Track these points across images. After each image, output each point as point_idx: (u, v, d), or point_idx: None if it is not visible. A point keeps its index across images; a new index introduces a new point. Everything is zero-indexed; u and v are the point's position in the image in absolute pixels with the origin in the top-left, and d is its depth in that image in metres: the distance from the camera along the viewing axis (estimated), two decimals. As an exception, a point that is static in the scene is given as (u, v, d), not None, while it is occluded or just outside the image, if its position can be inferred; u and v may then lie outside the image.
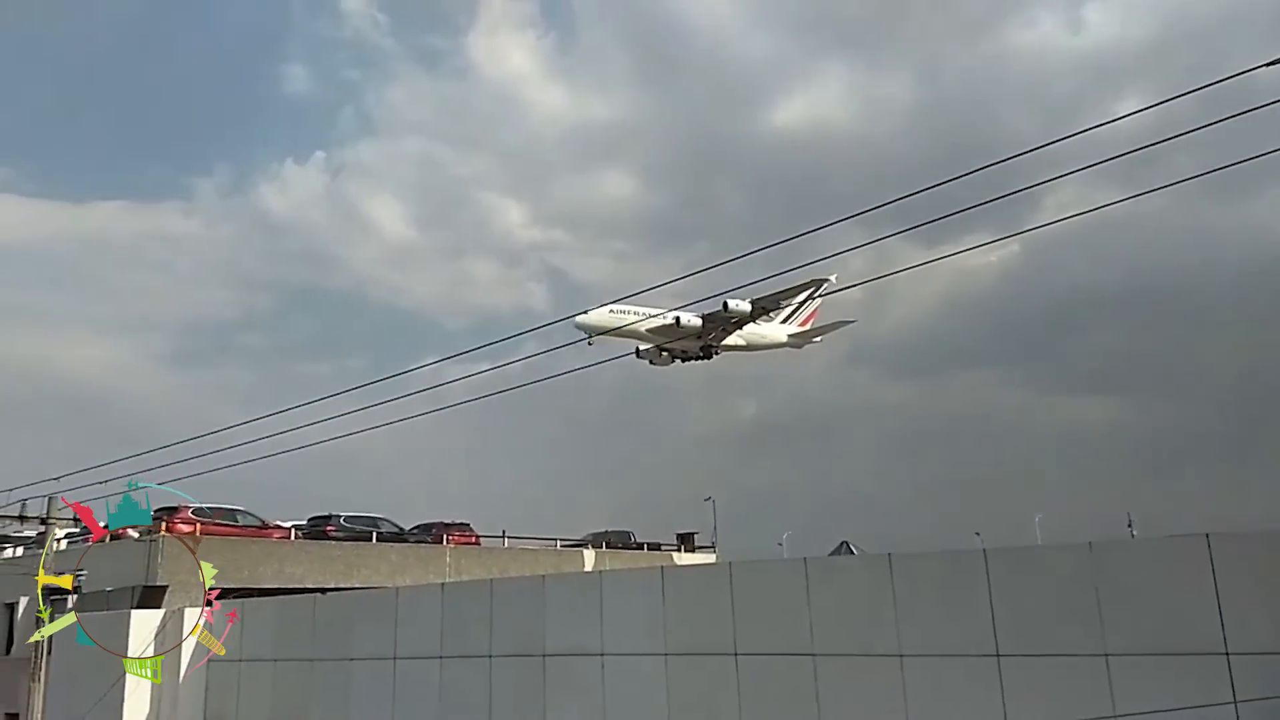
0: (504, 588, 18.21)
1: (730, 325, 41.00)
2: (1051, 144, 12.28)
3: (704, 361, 42.74)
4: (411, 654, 18.22)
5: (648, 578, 15.95)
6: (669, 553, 41.39)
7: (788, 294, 38.77)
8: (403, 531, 32.69)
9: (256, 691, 20.18)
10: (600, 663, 15.57)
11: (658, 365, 42.48)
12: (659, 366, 42.54)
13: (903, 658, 12.54)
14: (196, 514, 25.97)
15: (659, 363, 42.38)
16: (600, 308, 40.06)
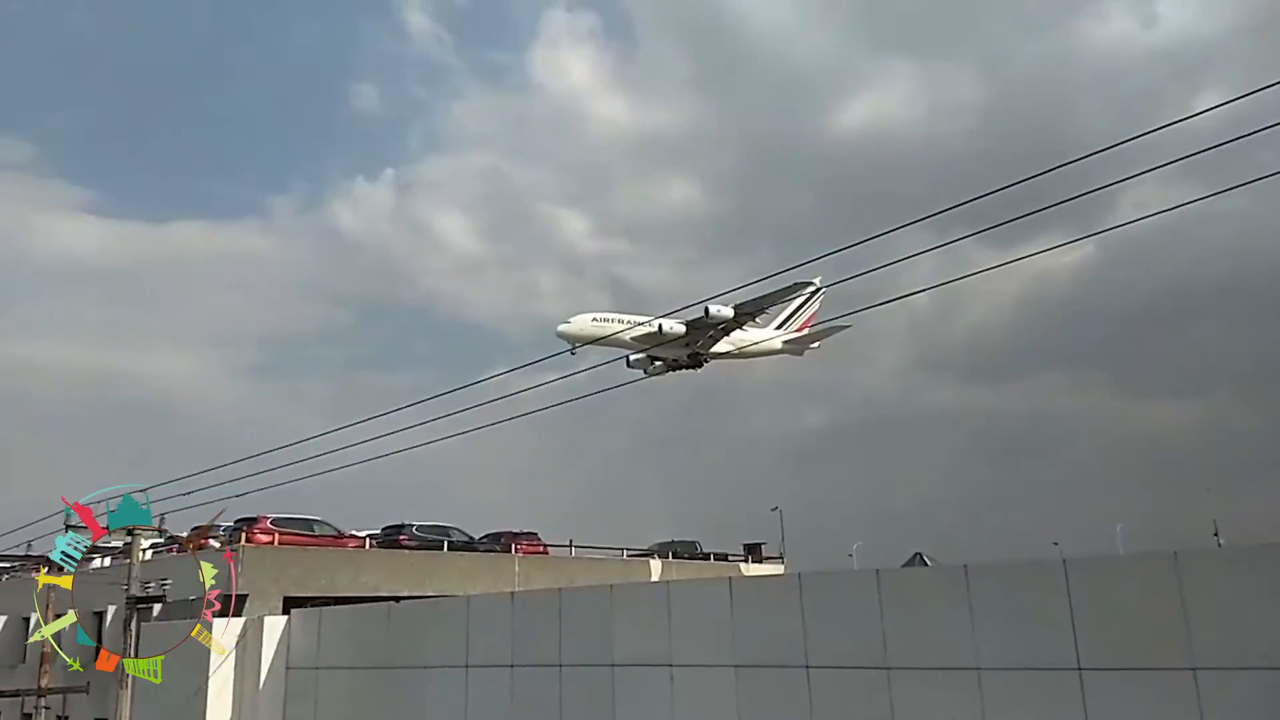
0: (572, 597, 18.28)
1: (717, 331, 39.85)
2: (1127, 141, 11.95)
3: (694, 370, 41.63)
4: (483, 662, 18.42)
5: (715, 589, 15.88)
6: (736, 563, 41.09)
7: (772, 299, 37.85)
8: (472, 540, 33.08)
9: (334, 698, 20.60)
10: (669, 673, 15.53)
11: (652, 375, 41.58)
12: (654, 376, 41.60)
13: (980, 671, 12.27)
14: (275, 524, 26.68)
15: (653, 372, 41.56)
16: (582, 316, 39.38)
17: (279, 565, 24.80)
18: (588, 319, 39.04)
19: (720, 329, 39.27)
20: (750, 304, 37.41)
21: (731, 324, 38.88)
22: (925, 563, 24.85)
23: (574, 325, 38.54)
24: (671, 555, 38.62)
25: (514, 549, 32.47)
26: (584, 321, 38.81)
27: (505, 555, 31.91)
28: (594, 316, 39.37)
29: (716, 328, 39.02)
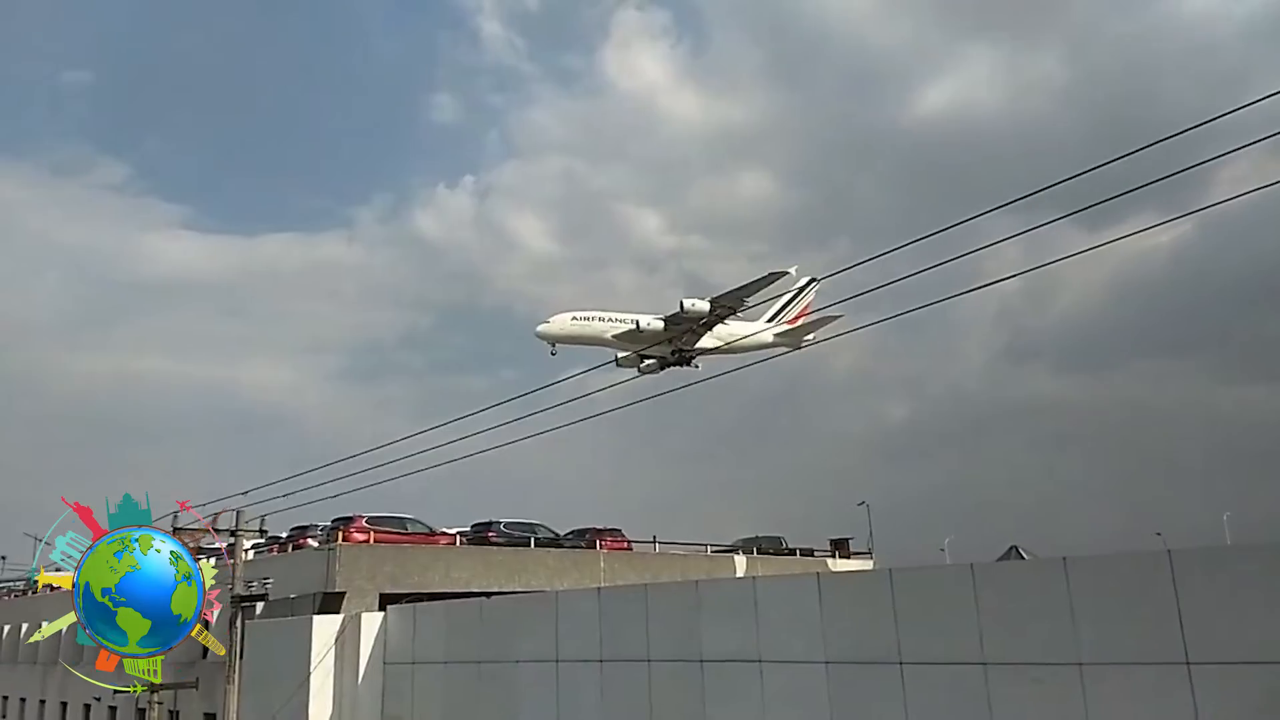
0: (658, 593, 18.36)
1: (699, 327, 38.49)
2: (1222, 116, 11.38)
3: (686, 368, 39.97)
4: (573, 657, 18.63)
5: (803, 584, 15.73)
6: (823, 559, 40.59)
7: (750, 290, 36.48)
8: (558, 537, 33.46)
9: (429, 692, 21.10)
10: (759, 669, 15.47)
11: (646, 373, 40.11)
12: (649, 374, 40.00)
13: (1081, 666, 11.92)
14: (370, 523, 27.45)
15: (646, 370, 40.20)
16: (562, 315, 38.31)
17: (374, 563, 25.48)
18: (567, 318, 38.04)
19: (702, 324, 38.02)
20: (727, 296, 36.51)
21: (711, 318, 37.53)
22: (1022, 556, 24.13)
23: (553, 325, 37.65)
24: (756, 551, 38.35)
25: (599, 545, 32.72)
26: (563, 321, 37.88)
27: (590, 551, 32.19)
28: (574, 315, 38.24)
29: (698, 323, 37.77)
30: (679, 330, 38.07)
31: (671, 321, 37.41)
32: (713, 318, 37.46)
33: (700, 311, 36.76)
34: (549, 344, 37.47)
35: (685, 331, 38.21)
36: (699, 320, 37.33)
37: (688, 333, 38.34)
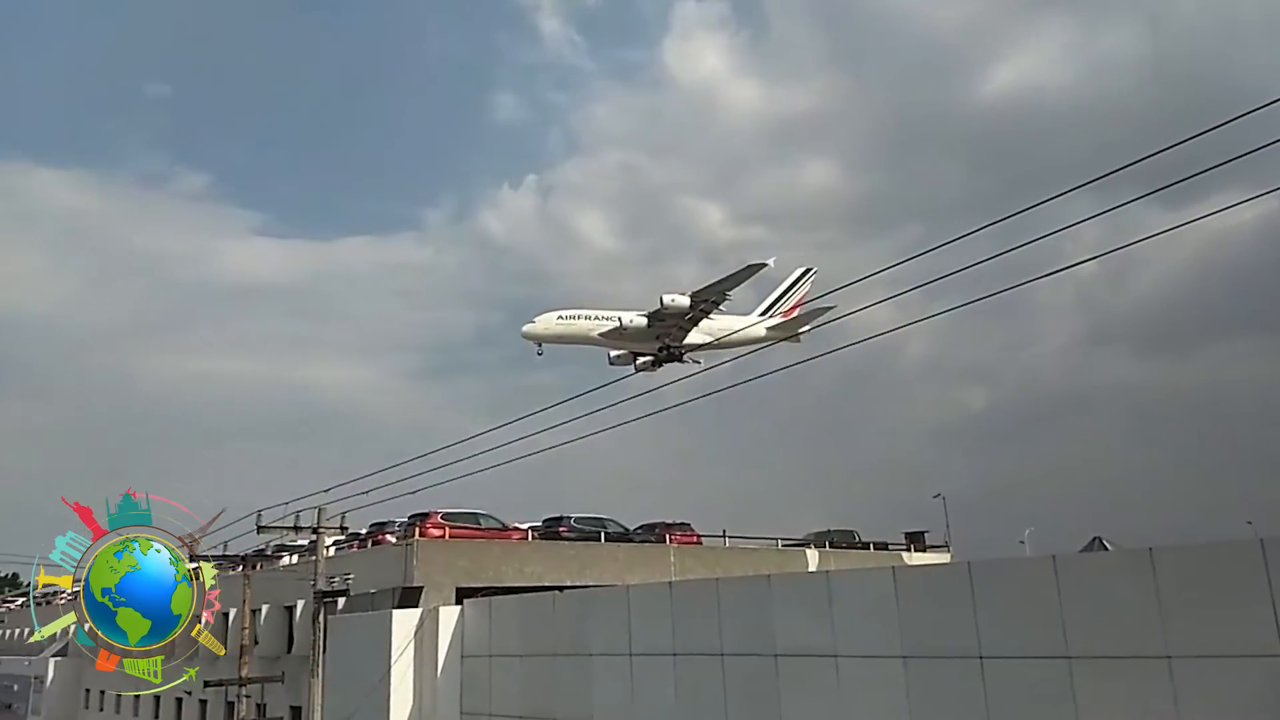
0: (730, 587, 18.31)
1: (685, 322, 37.75)
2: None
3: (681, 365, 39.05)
4: (645, 650, 18.70)
5: (878, 578, 15.59)
6: (897, 552, 39.95)
7: (727, 283, 35.99)
8: (628, 531, 33.60)
9: (506, 685, 21.39)
10: (834, 664, 15.34)
11: (642, 370, 39.50)
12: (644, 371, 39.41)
13: (1170, 659, 11.57)
14: (445, 518, 27.94)
15: (642, 367, 39.58)
16: (548, 315, 37.85)
17: (450, 558, 25.92)
18: (553, 318, 37.71)
19: (687, 319, 37.40)
20: (708, 290, 35.95)
21: (694, 313, 36.92)
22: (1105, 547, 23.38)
23: (538, 325, 37.29)
24: (829, 545, 37.93)
25: (668, 539, 32.75)
26: (549, 320, 37.54)
27: (660, 545, 32.24)
28: (559, 315, 37.94)
29: (683, 318, 37.19)
30: (664, 327, 37.62)
31: (655, 318, 36.94)
32: (696, 313, 37.00)
33: (680, 307, 36.27)
34: (535, 344, 37.26)
35: (672, 327, 37.78)
36: (682, 315, 36.86)
37: (675, 329, 37.90)
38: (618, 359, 39.79)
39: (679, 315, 36.65)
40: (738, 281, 35.65)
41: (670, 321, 37.18)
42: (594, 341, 37.86)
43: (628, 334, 37.39)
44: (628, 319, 37.18)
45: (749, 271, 35.42)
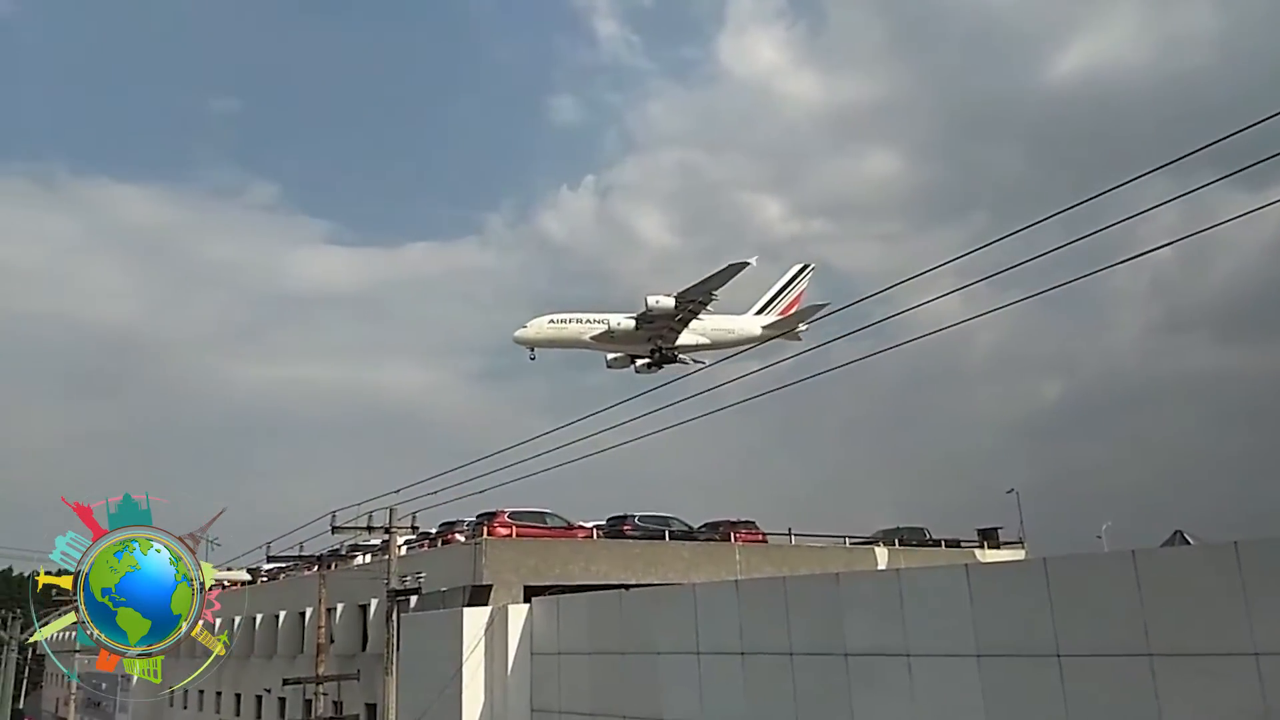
0: (798, 586, 18.21)
1: (674, 323, 37.41)
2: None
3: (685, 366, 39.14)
4: (713, 649, 18.66)
5: (951, 576, 15.35)
6: (970, 550, 39.08)
7: (711, 283, 35.57)
8: (692, 530, 33.52)
9: (575, 682, 21.54)
10: (906, 663, 15.13)
11: (642, 373, 39.55)
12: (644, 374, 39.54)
13: (1258, 656, 11.18)
14: (512, 517, 28.26)
15: (642, 370, 39.57)
16: (539, 319, 37.71)
17: (517, 556, 26.20)
18: (544, 322, 37.62)
19: (677, 320, 37.09)
20: (692, 291, 35.55)
21: (682, 314, 36.60)
22: (1187, 541, 22.64)
23: (529, 330, 37.22)
24: (898, 542, 37.34)
25: (733, 538, 32.60)
26: (541, 325, 37.47)
27: (725, 544, 32.09)
28: (551, 319, 37.85)
29: (673, 319, 36.92)
30: (654, 328, 37.42)
31: (643, 320, 36.77)
32: (684, 313, 36.76)
33: (665, 308, 36.08)
34: (527, 349, 37.38)
35: (663, 329, 37.54)
36: (670, 316, 36.70)
37: (665, 330, 37.66)
38: (615, 362, 40.04)
39: (666, 316, 36.60)
40: (721, 281, 35.46)
41: (659, 323, 37.11)
42: (586, 345, 37.97)
43: (617, 337, 37.48)
44: (615, 321, 37.29)
45: (731, 270, 35.23)
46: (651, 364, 39.21)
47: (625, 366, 39.89)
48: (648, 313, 36.28)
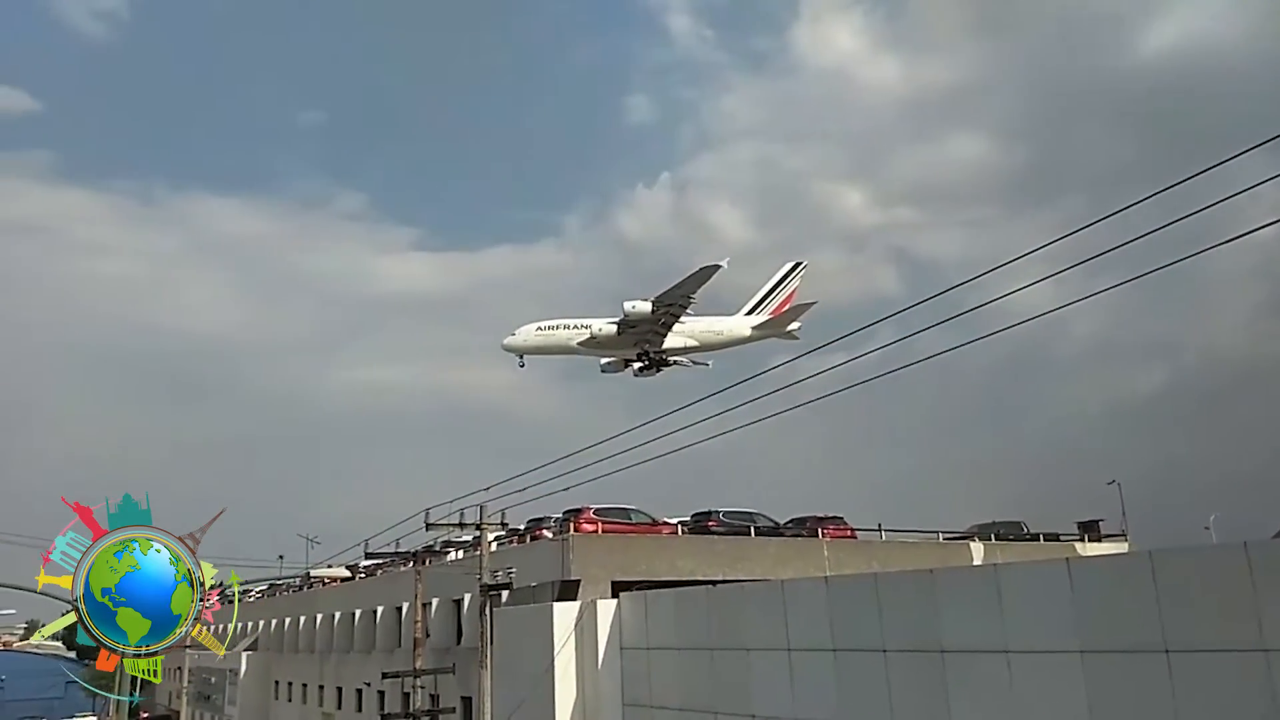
0: (890, 582, 17.97)
1: (658, 327, 37.28)
2: None
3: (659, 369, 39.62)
4: (803, 646, 18.51)
5: (1051, 570, 14.93)
6: (1069, 543, 37.86)
7: (685, 287, 35.21)
8: (778, 526, 33.28)
9: (665, 677, 21.63)
10: (1005, 659, 14.77)
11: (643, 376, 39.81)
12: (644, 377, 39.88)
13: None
14: (598, 514, 28.55)
15: (642, 374, 39.74)
16: (527, 327, 38.01)
17: (604, 552, 26.45)
18: (532, 329, 37.98)
19: (659, 324, 36.91)
20: (669, 295, 35.22)
21: (663, 318, 36.44)
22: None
23: (518, 337, 37.74)
24: (994, 537, 36.38)
25: (820, 533, 32.24)
26: (528, 332, 37.86)
27: (813, 540, 31.76)
28: (539, 326, 38.22)
29: (656, 323, 36.76)
30: (637, 333, 37.42)
31: (624, 325, 36.81)
32: (666, 317, 36.64)
33: (642, 313, 36.10)
34: (517, 356, 37.93)
35: (648, 333, 37.50)
36: (653, 321, 36.71)
37: (650, 334, 37.61)
38: (608, 366, 40.26)
39: (648, 321, 36.72)
40: (695, 285, 35.36)
41: (642, 327, 37.23)
42: (574, 351, 38.37)
43: (601, 342, 37.80)
44: (597, 327, 37.69)
45: (704, 274, 35.11)
46: (645, 367, 39.67)
47: (619, 371, 40.33)
48: (626, 318, 36.72)
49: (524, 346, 38.25)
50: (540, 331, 38.41)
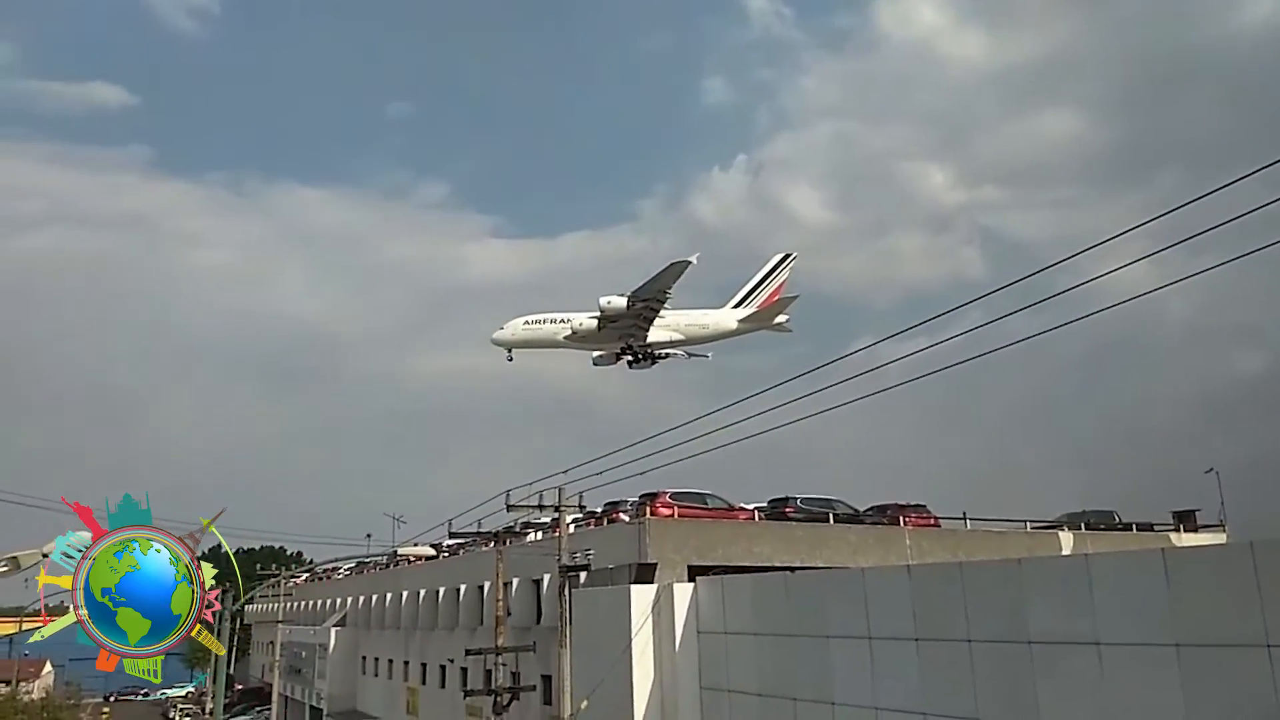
0: (975, 571, 17.59)
1: (640, 321, 36.87)
2: None
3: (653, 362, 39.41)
4: (885, 634, 18.25)
5: (1145, 561, 14.40)
6: (1164, 533, 36.50)
7: (658, 282, 34.83)
8: (858, 513, 32.83)
9: (743, 663, 21.59)
10: (1096, 651, 14.33)
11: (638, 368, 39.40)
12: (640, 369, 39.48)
13: None
14: (673, 498, 28.60)
15: (636, 367, 39.34)
16: (515, 320, 38.06)
17: (680, 536, 26.49)
18: (520, 323, 38.08)
19: (641, 318, 36.67)
20: (644, 290, 34.96)
21: (643, 311, 36.27)
22: None
23: (505, 331, 37.86)
24: (1084, 526, 35.27)
25: (902, 521, 31.70)
26: (517, 326, 37.97)
27: (894, 528, 31.27)
28: (526, 320, 38.28)
29: (639, 317, 36.53)
30: (618, 328, 37.34)
31: (605, 320, 36.71)
32: (646, 311, 36.51)
33: (617, 308, 36.07)
34: (505, 350, 38.04)
35: (631, 327, 37.34)
36: (635, 315, 36.60)
37: (633, 328, 37.44)
38: (600, 359, 40.24)
39: (627, 316, 36.72)
40: (666, 280, 35.26)
41: (622, 322, 37.20)
42: (561, 345, 38.54)
43: (583, 336, 37.95)
44: (578, 322, 37.86)
45: (675, 269, 34.94)
46: (636, 360, 39.72)
47: (612, 364, 40.31)
48: (604, 313, 36.89)
49: (512, 340, 38.65)
50: (528, 325, 38.90)
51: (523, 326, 38.84)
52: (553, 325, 38.79)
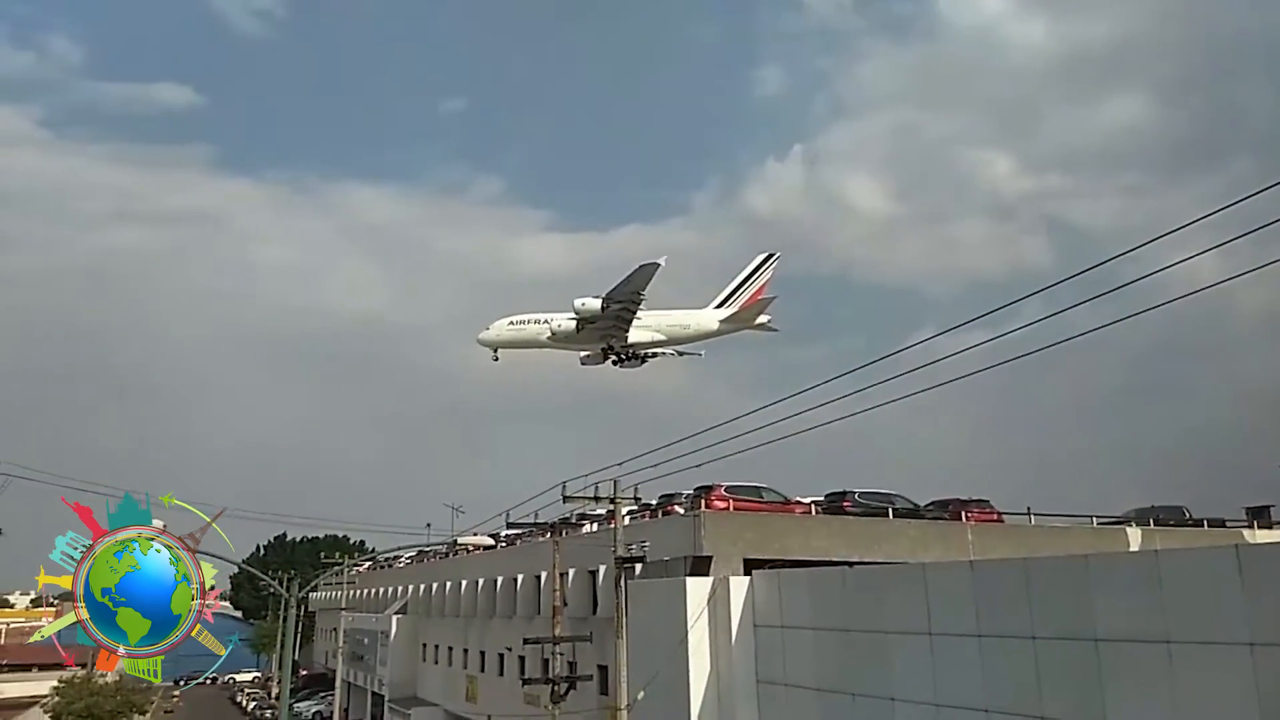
0: (1040, 567, 17.20)
1: (618, 322, 36.67)
2: None
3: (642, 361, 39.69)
4: (946, 630, 17.99)
5: (1217, 558, 14.01)
6: (1237, 530, 35.32)
7: (629, 285, 34.62)
8: (917, 508, 32.33)
9: (800, 657, 21.47)
10: (1166, 650, 13.94)
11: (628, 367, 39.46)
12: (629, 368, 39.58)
13: None
14: (729, 491, 28.48)
15: (624, 366, 39.38)
16: (500, 321, 38.17)
17: (736, 529, 26.37)
18: (504, 323, 38.23)
19: (618, 320, 36.52)
20: (617, 291, 34.86)
21: (619, 312, 36.14)
22: None
23: (491, 332, 38.06)
24: (1153, 522, 34.29)
25: (964, 517, 31.15)
26: (501, 326, 38.16)
27: (955, 523, 30.72)
28: (511, 320, 38.38)
29: (618, 318, 36.39)
30: (599, 329, 37.29)
31: (583, 321, 36.68)
32: (623, 312, 36.38)
33: (591, 310, 36.03)
34: (491, 350, 38.25)
35: (611, 328, 37.29)
36: (614, 317, 36.53)
37: (612, 329, 37.40)
38: (587, 359, 40.24)
39: (603, 318, 36.72)
40: (638, 282, 35.19)
41: (600, 323, 37.16)
42: (544, 345, 38.68)
43: (563, 337, 38.10)
44: (557, 323, 38.02)
45: (644, 272, 34.82)
46: (621, 360, 39.86)
47: (599, 363, 40.33)
48: (579, 314, 36.99)
49: (497, 340, 38.93)
50: (512, 326, 39.16)
51: (507, 327, 39.22)
52: (536, 326, 39.15)
